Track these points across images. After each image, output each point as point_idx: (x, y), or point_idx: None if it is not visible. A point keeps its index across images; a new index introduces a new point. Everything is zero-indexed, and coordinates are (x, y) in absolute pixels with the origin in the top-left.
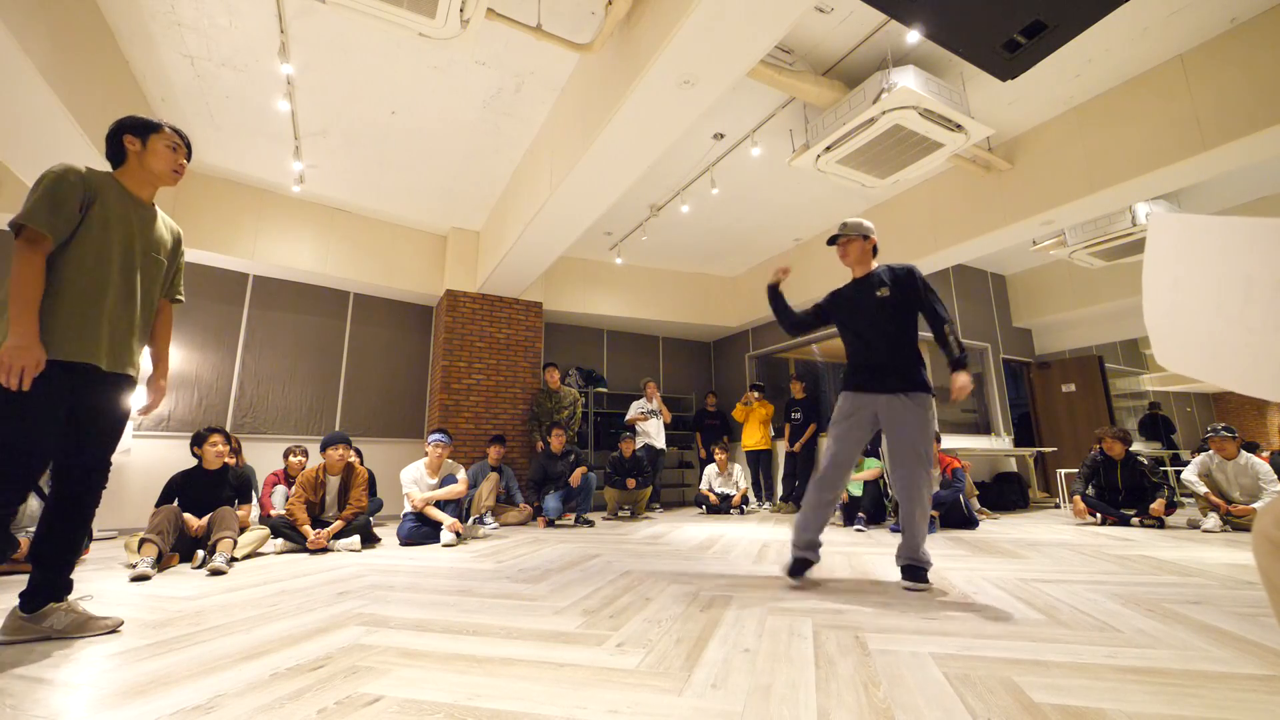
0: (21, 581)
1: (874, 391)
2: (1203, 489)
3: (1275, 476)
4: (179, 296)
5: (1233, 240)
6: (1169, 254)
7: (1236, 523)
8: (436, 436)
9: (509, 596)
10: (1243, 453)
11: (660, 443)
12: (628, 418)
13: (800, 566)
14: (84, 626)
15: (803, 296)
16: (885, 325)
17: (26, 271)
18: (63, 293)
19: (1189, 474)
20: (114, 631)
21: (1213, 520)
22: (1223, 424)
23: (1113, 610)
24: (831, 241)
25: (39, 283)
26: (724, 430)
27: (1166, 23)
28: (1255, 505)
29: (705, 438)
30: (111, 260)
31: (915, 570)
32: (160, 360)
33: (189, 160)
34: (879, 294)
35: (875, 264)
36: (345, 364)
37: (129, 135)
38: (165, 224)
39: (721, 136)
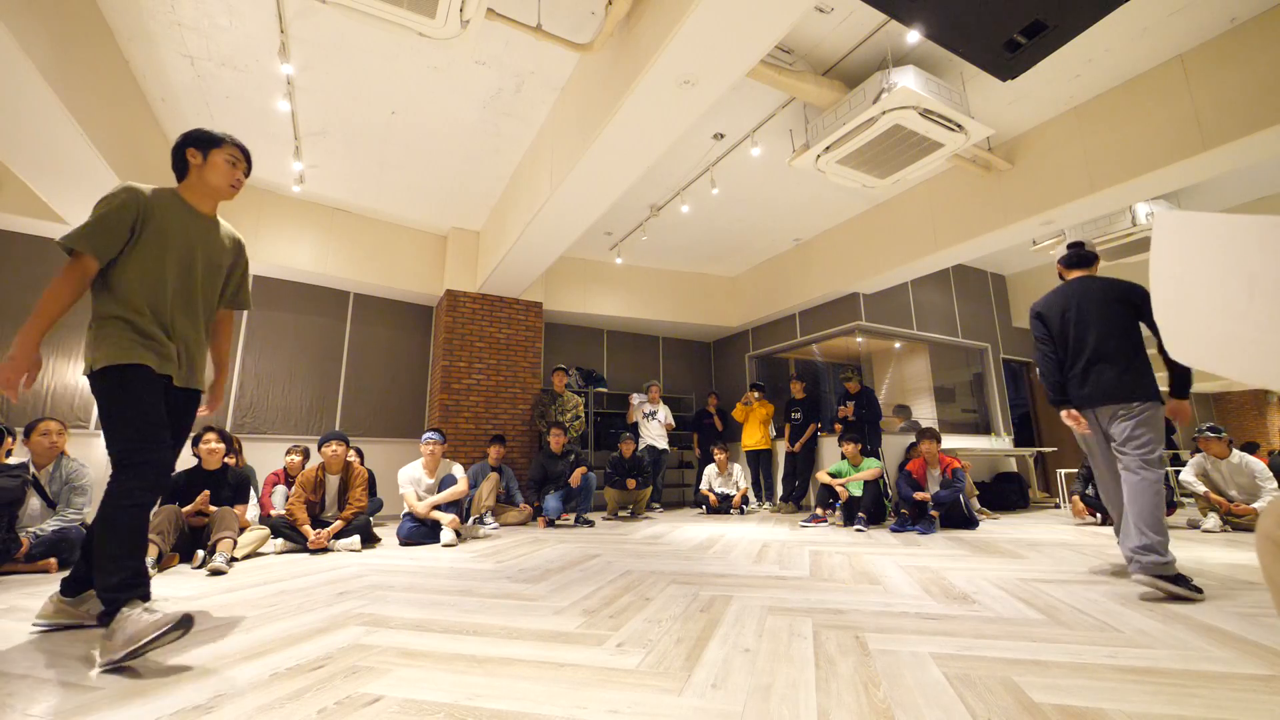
0: (22, 581)
1: None
2: (1201, 488)
3: (1270, 474)
4: (243, 302)
5: (1236, 238)
6: (1175, 251)
7: (1236, 522)
8: (430, 435)
9: (509, 596)
10: (1236, 452)
11: (662, 444)
12: (629, 416)
13: None
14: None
15: (804, 297)
16: None
17: (60, 286)
18: (125, 306)
19: (1186, 475)
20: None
21: (1213, 520)
22: (1208, 424)
23: (1113, 610)
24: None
25: (67, 298)
26: (721, 434)
27: (1166, 23)
28: (1256, 505)
29: (703, 438)
30: (166, 274)
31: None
32: (221, 365)
33: (248, 174)
34: None
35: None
36: (345, 364)
37: (191, 149)
38: (226, 233)
39: (721, 136)
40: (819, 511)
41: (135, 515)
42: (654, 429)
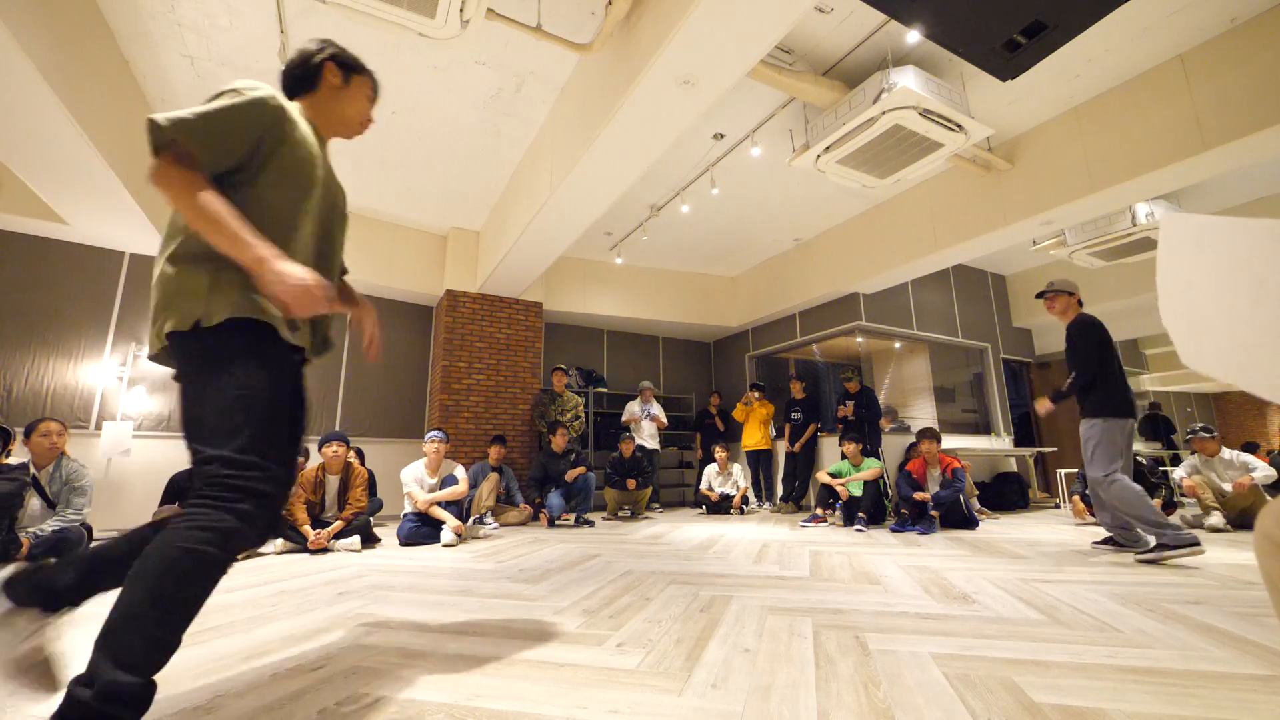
0: None
1: None
2: (1189, 482)
3: (1260, 462)
4: (342, 263)
5: (1243, 241)
6: (1181, 255)
7: (1242, 508)
8: (434, 434)
9: (509, 596)
10: (1224, 449)
11: (653, 444)
12: (623, 419)
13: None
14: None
15: (804, 297)
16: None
17: (189, 199)
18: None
19: (1179, 474)
20: None
21: (1216, 518)
22: (1201, 424)
23: (1113, 610)
24: (1040, 295)
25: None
26: (723, 434)
27: (1166, 23)
28: (1254, 474)
29: (706, 438)
30: (310, 214)
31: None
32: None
33: None
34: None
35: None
36: (345, 364)
37: (333, 64)
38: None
39: (721, 136)
40: (819, 511)
41: (212, 576)
42: (646, 428)
